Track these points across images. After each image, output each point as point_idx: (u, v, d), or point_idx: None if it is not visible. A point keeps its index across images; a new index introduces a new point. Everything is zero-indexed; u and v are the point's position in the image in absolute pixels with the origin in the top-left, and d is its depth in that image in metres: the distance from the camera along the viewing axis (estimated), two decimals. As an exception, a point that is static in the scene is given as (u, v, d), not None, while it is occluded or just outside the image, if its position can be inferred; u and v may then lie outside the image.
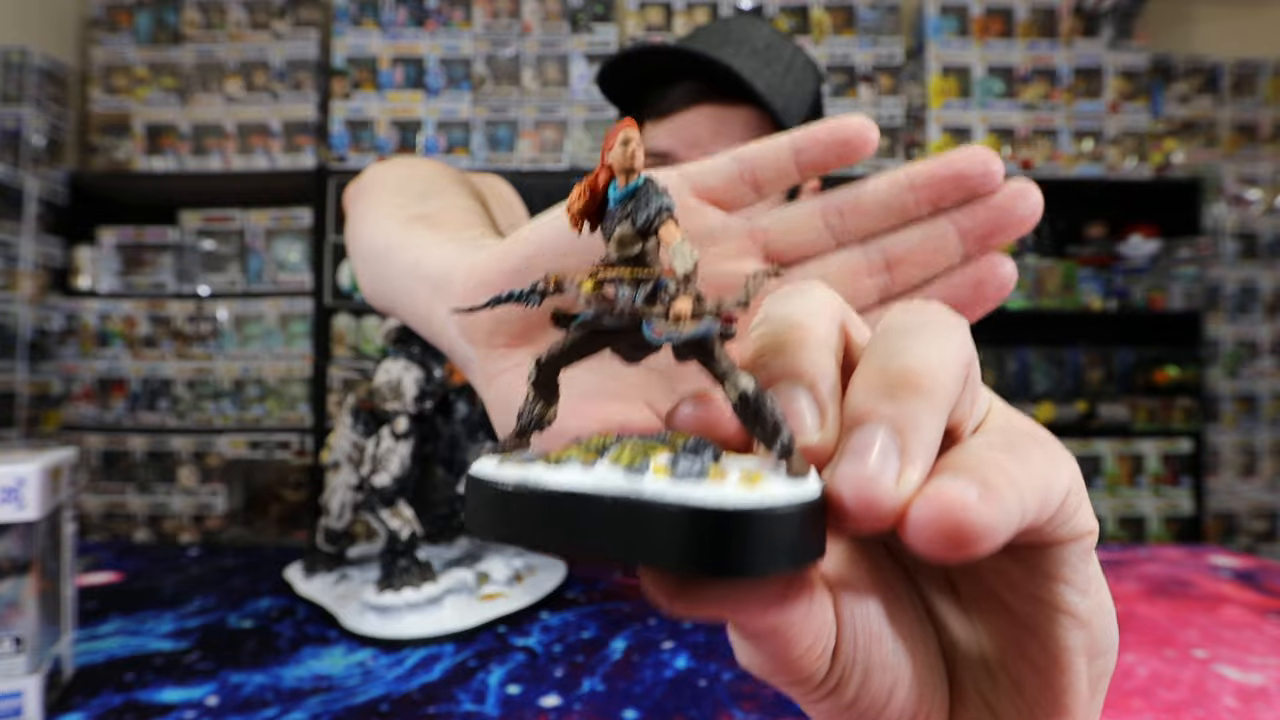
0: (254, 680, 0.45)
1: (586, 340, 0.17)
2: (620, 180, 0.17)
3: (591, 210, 0.18)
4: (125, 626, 0.54)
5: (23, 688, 0.38)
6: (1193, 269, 2.06)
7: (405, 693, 0.44)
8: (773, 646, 0.17)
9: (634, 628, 0.54)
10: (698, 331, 0.16)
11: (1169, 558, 0.73)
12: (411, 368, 0.56)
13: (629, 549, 0.14)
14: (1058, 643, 0.18)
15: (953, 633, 0.20)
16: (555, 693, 0.43)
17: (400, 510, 0.56)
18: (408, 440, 0.55)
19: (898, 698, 0.18)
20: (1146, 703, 0.42)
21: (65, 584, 0.43)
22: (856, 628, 0.18)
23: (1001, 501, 0.14)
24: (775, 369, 0.17)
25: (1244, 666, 0.47)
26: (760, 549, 0.13)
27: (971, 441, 0.17)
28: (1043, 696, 0.19)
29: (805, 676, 0.17)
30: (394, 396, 0.55)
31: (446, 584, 0.55)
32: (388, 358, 0.59)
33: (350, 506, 0.61)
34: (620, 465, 0.14)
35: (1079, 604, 0.18)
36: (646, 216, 0.17)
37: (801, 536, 0.14)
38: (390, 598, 0.53)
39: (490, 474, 0.16)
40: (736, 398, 0.16)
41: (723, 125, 0.62)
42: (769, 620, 0.16)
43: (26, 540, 0.38)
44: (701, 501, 0.13)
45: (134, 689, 0.44)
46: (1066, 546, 0.17)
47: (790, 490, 0.14)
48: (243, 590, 0.63)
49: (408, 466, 0.55)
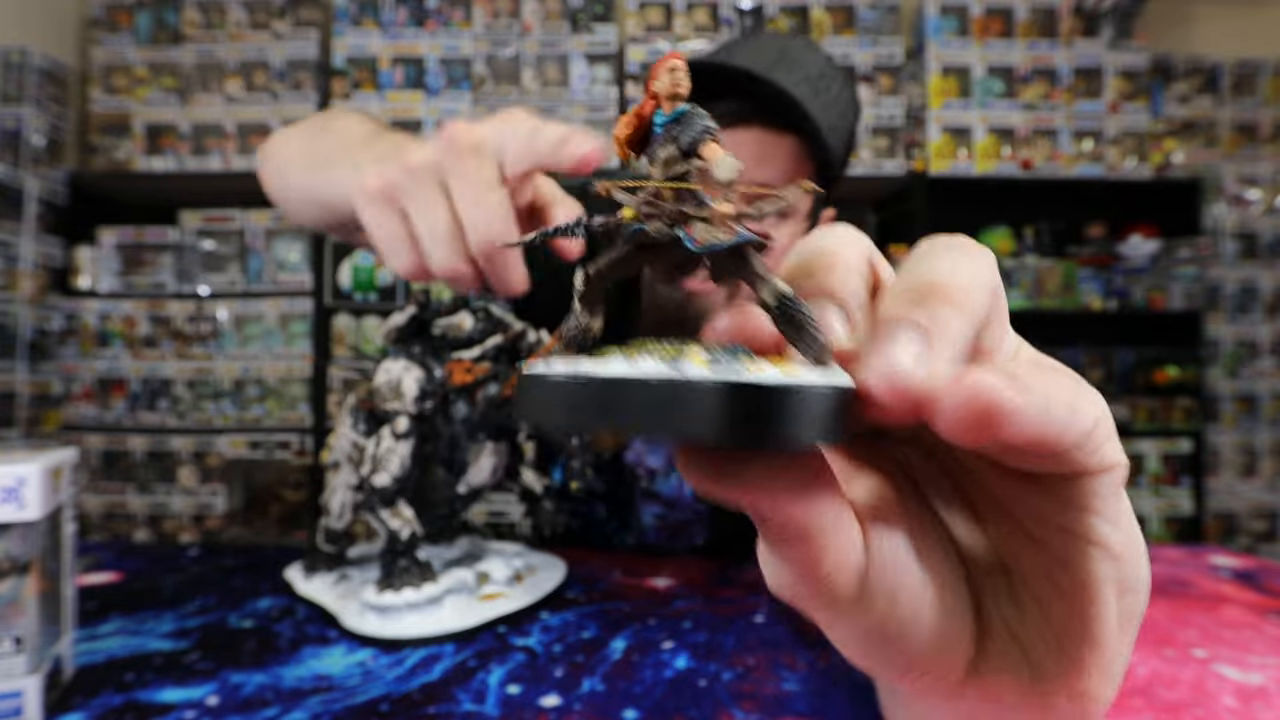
0: (254, 680, 0.45)
1: (631, 256, 0.18)
2: (666, 107, 0.18)
3: (638, 139, 0.19)
4: (125, 626, 0.54)
5: (22, 687, 0.38)
6: (1193, 269, 2.05)
7: (405, 692, 0.44)
8: (802, 556, 0.17)
9: (634, 628, 0.54)
10: (736, 239, 0.17)
11: (1168, 558, 0.73)
12: (412, 368, 0.56)
13: (672, 426, 0.14)
14: (1088, 573, 0.18)
15: (980, 565, 0.21)
16: (555, 693, 0.43)
17: (400, 510, 0.56)
18: (408, 440, 0.55)
19: (922, 625, 0.19)
20: (1146, 702, 0.42)
21: (65, 584, 0.43)
22: (884, 553, 0.18)
23: (1030, 393, 0.15)
24: (807, 289, 0.18)
25: (1244, 666, 0.47)
26: (792, 422, 0.14)
27: (999, 359, 0.19)
28: (1071, 627, 0.19)
29: (833, 597, 0.18)
30: (394, 396, 0.55)
31: (446, 584, 0.55)
32: (388, 358, 0.59)
33: (350, 506, 0.61)
34: (664, 359, 0.16)
35: (1110, 535, 0.18)
36: (691, 137, 0.17)
37: (831, 417, 0.15)
38: (390, 598, 0.53)
39: (541, 370, 0.16)
40: (775, 301, 0.17)
41: (769, 150, 0.60)
42: (797, 512, 0.16)
43: (27, 540, 0.38)
44: (739, 378, 0.14)
45: (134, 689, 0.44)
46: (1097, 477, 0.18)
47: (821, 377, 0.15)
48: (243, 590, 0.63)
49: (408, 466, 0.55)
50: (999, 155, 2.08)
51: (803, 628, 0.52)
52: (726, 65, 0.58)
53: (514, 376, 0.55)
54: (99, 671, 0.46)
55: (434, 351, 0.59)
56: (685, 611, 0.57)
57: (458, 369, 0.55)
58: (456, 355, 0.57)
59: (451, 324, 0.59)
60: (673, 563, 0.71)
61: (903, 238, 2.10)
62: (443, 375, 0.56)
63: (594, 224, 0.19)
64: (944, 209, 2.17)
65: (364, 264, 1.99)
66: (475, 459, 0.59)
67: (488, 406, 0.56)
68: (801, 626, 0.52)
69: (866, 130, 2.08)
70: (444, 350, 0.59)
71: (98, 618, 0.55)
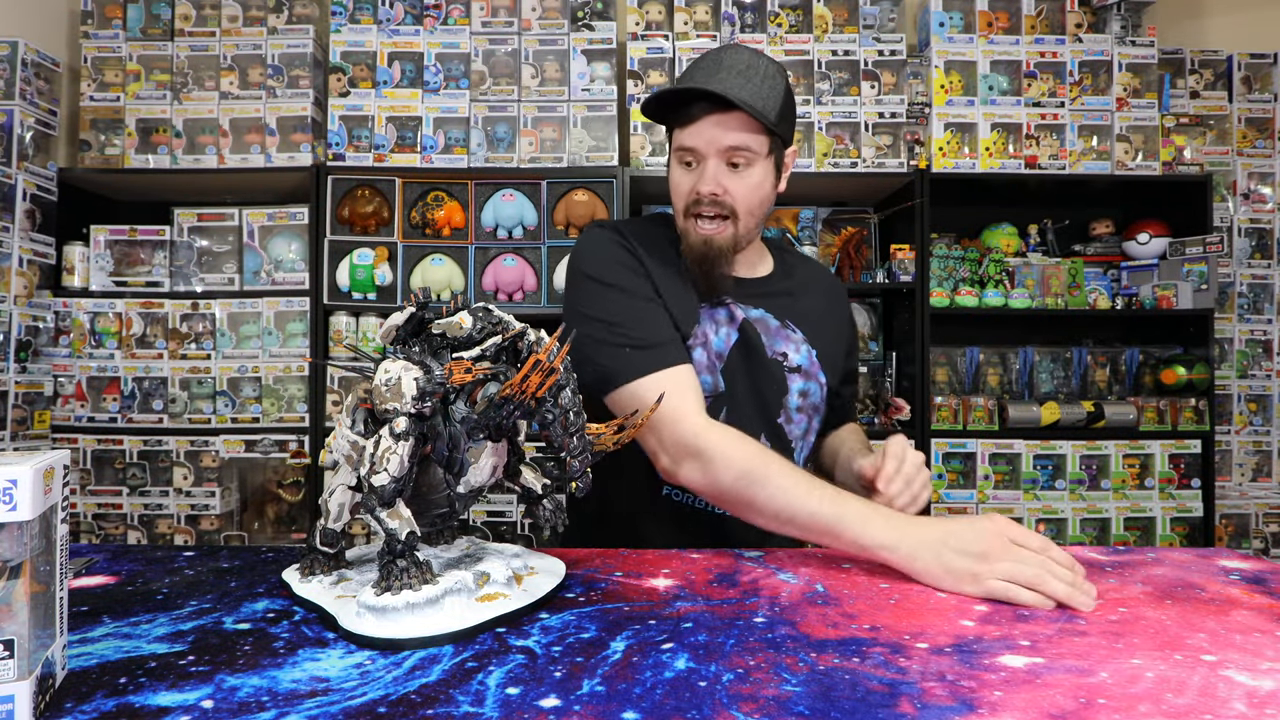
0: (249, 683, 0.44)
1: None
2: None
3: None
4: (118, 629, 0.53)
5: (13, 692, 0.38)
6: (1202, 267, 2.03)
7: (403, 695, 0.43)
8: None
9: (634, 628, 0.53)
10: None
11: (1177, 560, 0.73)
12: (411, 368, 0.55)
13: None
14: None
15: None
16: (554, 694, 0.43)
17: (399, 510, 0.55)
18: (407, 440, 0.54)
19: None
20: (1154, 707, 0.41)
21: (57, 587, 0.42)
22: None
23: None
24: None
25: (1254, 671, 0.46)
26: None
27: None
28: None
29: None
30: (393, 396, 0.55)
31: (445, 585, 0.54)
32: (387, 358, 0.58)
33: (348, 507, 0.60)
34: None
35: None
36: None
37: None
38: (388, 599, 0.52)
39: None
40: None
41: (725, 126, 0.90)
42: None
43: (18, 542, 0.38)
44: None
45: (127, 693, 0.43)
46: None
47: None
48: (238, 592, 0.62)
49: (406, 467, 0.54)
50: (1004, 152, 2.06)
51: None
52: (686, 90, 0.90)
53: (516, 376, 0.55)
54: (91, 675, 0.45)
55: (433, 352, 0.58)
56: (685, 612, 0.57)
57: (458, 368, 0.55)
58: (456, 355, 0.56)
59: (451, 323, 0.58)
60: (673, 563, 0.70)
61: (905, 236, 2.10)
62: (442, 375, 0.55)
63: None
64: (947, 207, 2.16)
65: (362, 263, 1.98)
66: (475, 459, 0.59)
67: (488, 407, 0.56)
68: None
69: (867, 128, 2.07)
70: (444, 350, 0.58)
71: (90, 620, 0.55)
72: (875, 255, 2.23)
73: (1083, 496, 2.02)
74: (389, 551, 0.55)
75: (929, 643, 0.51)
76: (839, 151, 2.07)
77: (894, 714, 0.41)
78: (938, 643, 0.51)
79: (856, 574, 0.67)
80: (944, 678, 0.45)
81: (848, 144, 2.08)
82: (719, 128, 0.89)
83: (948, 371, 2.25)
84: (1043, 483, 2.03)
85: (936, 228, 2.15)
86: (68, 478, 0.43)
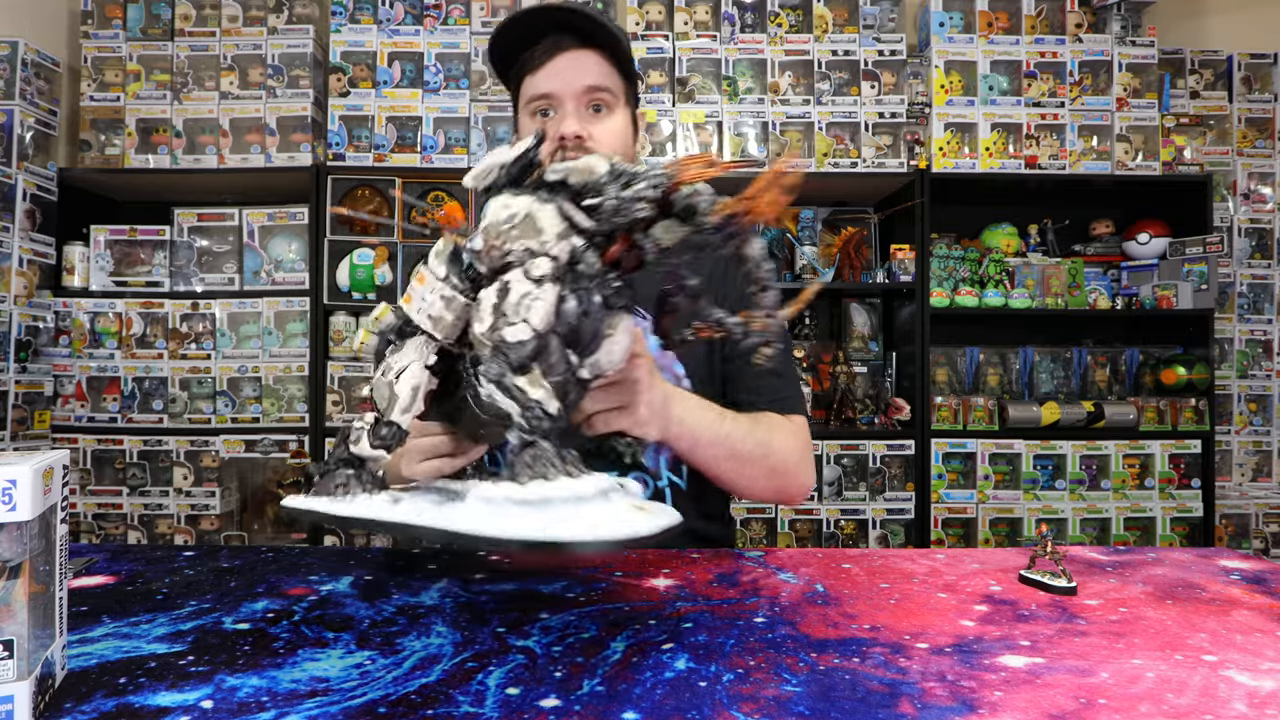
0: (249, 683, 0.44)
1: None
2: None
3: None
4: (118, 629, 0.53)
5: (13, 693, 0.38)
6: (1202, 267, 2.03)
7: (403, 695, 0.43)
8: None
9: (634, 628, 0.53)
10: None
11: (1178, 560, 0.73)
12: (544, 204, 0.42)
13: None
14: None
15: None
16: (555, 694, 0.43)
17: (538, 378, 0.41)
18: (553, 285, 0.41)
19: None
20: (1154, 707, 0.41)
21: (57, 587, 0.42)
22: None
23: None
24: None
25: (1255, 671, 0.46)
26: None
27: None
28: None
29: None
30: (525, 234, 0.41)
31: (603, 481, 0.42)
32: (504, 193, 0.45)
33: (423, 392, 0.47)
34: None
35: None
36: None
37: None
38: (547, 489, 0.39)
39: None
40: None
41: (583, 65, 0.81)
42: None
43: (18, 542, 0.38)
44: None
45: (127, 693, 0.43)
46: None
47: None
48: (238, 592, 0.62)
49: (551, 321, 0.41)
50: (1004, 152, 2.06)
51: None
52: (540, 8, 0.79)
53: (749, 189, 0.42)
54: (91, 675, 0.45)
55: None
56: (685, 612, 0.57)
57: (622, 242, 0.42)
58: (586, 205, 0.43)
59: (576, 168, 0.44)
60: (673, 563, 0.70)
61: (905, 236, 2.10)
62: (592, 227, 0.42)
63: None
64: (947, 207, 2.16)
65: (362, 263, 1.98)
66: (610, 333, 0.46)
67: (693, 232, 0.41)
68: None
69: (867, 128, 2.07)
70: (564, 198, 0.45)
71: (90, 620, 0.55)
72: (875, 255, 2.23)
73: (1083, 496, 2.02)
74: (528, 432, 0.42)
75: (929, 643, 0.51)
76: (839, 151, 2.07)
77: (894, 714, 0.41)
78: (938, 643, 0.51)
79: (856, 574, 0.67)
80: (944, 678, 0.45)
81: (848, 144, 2.08)
82: (575, 66, 0.80)
83: (948, 371, 2.25)
84: (1043, 483, 2.02)
85: (936, 228, 2.15)
86: (67, 478, 0.43)
